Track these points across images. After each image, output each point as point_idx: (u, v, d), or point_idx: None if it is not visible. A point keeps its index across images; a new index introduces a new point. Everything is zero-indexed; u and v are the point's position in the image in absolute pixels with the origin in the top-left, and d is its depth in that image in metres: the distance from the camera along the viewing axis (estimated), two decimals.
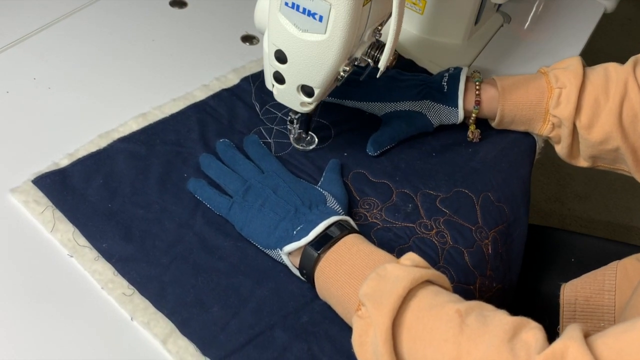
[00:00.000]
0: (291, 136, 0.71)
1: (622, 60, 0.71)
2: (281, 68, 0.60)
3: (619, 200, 1.77)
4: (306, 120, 0.69)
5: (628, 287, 0.66)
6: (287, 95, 0.64)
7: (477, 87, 0.72)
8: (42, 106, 0.70)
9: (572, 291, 0.70)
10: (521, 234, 0.73)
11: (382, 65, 0.60)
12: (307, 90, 0.61)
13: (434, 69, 0.84)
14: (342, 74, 0.59)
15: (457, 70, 0.73)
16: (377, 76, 0.63)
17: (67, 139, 0.67)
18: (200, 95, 0.74)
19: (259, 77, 0.78)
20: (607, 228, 1.70)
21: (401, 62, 0.83)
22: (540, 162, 0.79)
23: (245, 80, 0.77)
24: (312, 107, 0.64)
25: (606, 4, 1.03)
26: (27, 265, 0.57)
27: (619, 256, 0.70)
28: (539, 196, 1.75)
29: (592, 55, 1.91)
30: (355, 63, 0.61)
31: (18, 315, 0.54)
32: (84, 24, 0.81)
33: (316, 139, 0.72)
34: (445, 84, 0.72)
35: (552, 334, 0.71)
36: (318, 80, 0.59)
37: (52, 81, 0.73)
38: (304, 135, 0.71)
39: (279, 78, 0.62)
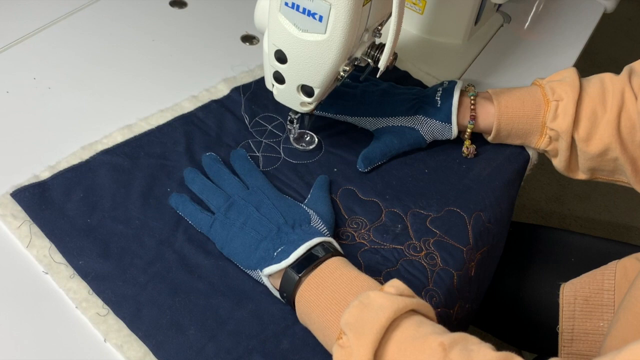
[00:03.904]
0: (291, 136, 0.70)
1: (622, 60, 0.70)
2: (281, 68, 0.60)
3: (619, 200, 1.77)
4: (304, 120, 0.68)
5: (627, 286, 0.66)
6: (287, 95, 0.63)
7: (472, 101, 0.70)
8: (42, 107, 0.70)
9: (571, 291, 0.69)
10: (497, 255, 0.72)
11: (382, 65, 0.60)
12: (307, 90, 0.61)
13: (434, 70, 0.83)
14: (342, 74, 0.59)
15: (451, 85, 0.71)
16: (377, 76, 0.62)
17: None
18: (189, 107, 0.72)
19: (249, 87, 0.76)
20: (607, 228, 1.70)
21: (396, 74, 0.81)
22: (540, 162, 0.78)
23: (235, 90, 0.75)
24: (312, 107, 0.63)
25: (606, 4, 1.03)
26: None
27: (619, 256, 0.69)
28: (539, 196, 1.74)
29: (592, 55, 1.90)
30: (355, 63, 0.61)
31: None
32: (84, 24, 0.81)
33: (316, 139, 0.71)
34: (438, 98, 0.70)
35: (552, 334, 0.71)
36: (318, 80, 0.59)
37: (52, 81, 0.73)
38: (305, 136, 0.71)
39: (279, 78, 0.62)
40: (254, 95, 0.75)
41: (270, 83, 0.64)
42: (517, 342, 0.93)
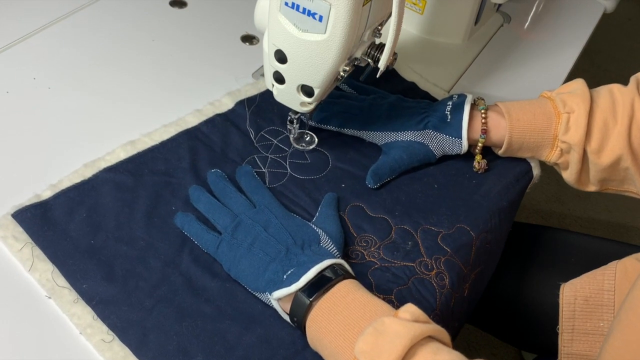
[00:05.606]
0: (291, 136, 0.70)
1: (622, 60, 0.70)
2: (281, 68, 0.60)
3: (619, 200, 1.76)
4: (304, 120, 0.68)
5: (627, 286, 0.65)
6: (287, 95, 0.63)
7: (483, 115, 0.69)
8: (42, 107, 0.69)
9: (571, 291, 0.69)
10: (488, 277, 0.71)
11: (382, 65, 0.59)
12: (307, 90, 0.61)
13: (434, 70, 0.82)
14: (342, 74, 0.59)
15: (461, 98, 0.69)
16: (377, 76, 0.62)
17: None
18: (193, 121, 0.71)
19: (254, 100, 0.74)
20: (607, 228, 1.70)
21: (403, 85, 0.80)
22: (539, 161, 0.77)
23: (240, 104, 0.73)
24: (312, 107, 0.63)
25: (606, 4, 1.02)
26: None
27: (619, 256, 0.69)
28: (539, 196, 1.74)
29: (592, 55, 1.89)
30: (355, 63, 0.60)
31: None
32: (84, 23, 0.80)
33: (316, 139, 0.71)
34: (448, 113, 0.68)
35: (552, 334, 0.70)
36: (318, 80, 0.59)
37: (52, 81, 0.72)
38: (305, 136, 0.70)
39: (279, 78, 0.61)
40: (258, 108, 0.73)
41: (270, 83, 0.64)
42: (516, 342, 0.92)
